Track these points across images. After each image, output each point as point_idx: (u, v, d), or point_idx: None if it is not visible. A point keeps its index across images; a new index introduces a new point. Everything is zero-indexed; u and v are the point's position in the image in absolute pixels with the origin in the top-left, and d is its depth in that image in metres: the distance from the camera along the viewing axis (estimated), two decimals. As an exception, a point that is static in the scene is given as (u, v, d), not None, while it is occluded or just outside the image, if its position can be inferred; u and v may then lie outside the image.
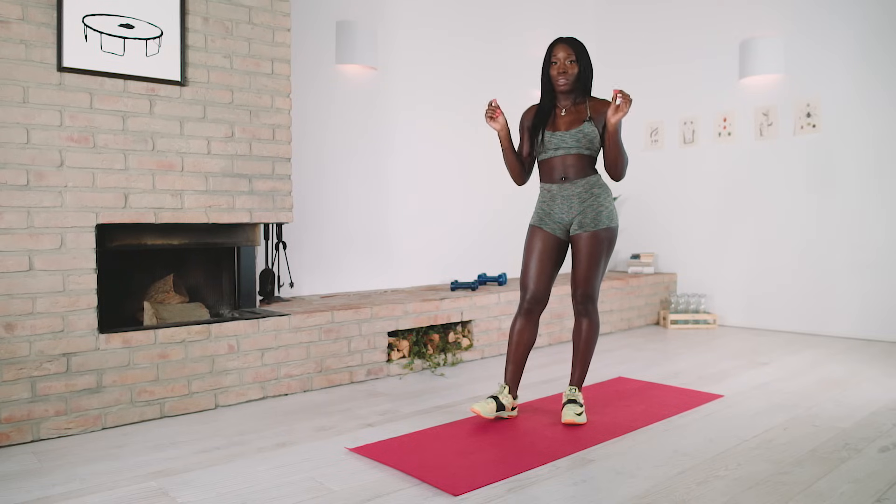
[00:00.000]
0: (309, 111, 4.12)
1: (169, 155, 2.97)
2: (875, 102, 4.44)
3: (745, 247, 5.10)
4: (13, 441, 2.53)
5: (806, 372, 3.60)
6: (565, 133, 2.71)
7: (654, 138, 5.66)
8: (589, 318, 2.79)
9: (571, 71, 2.71)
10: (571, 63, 2.71)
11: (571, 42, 2.73)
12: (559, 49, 2.72)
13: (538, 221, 2.81)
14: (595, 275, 2.74)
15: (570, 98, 2.77)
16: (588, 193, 2.73)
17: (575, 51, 2.71)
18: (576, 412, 2.69)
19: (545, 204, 2.80)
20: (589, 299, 2.76)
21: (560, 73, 2.71)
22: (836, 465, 2.25)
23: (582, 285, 2.74)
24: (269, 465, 2.28)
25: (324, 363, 3.35)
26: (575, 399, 2.75)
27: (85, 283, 2.72)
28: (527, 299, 2.78)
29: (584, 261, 2.72)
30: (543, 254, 2.77)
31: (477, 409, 2.68)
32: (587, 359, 2.81)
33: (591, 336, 2.80)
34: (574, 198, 2.73)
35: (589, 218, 2.71)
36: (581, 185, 2.73)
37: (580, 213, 2.72)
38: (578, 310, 2.79)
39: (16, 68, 2.59)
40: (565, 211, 2.74)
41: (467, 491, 2.05)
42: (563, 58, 2.71)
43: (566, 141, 2.71)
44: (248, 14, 3.21)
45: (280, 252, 3.86)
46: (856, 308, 4.56)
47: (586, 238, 2.71)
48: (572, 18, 5.85)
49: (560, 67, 2.71)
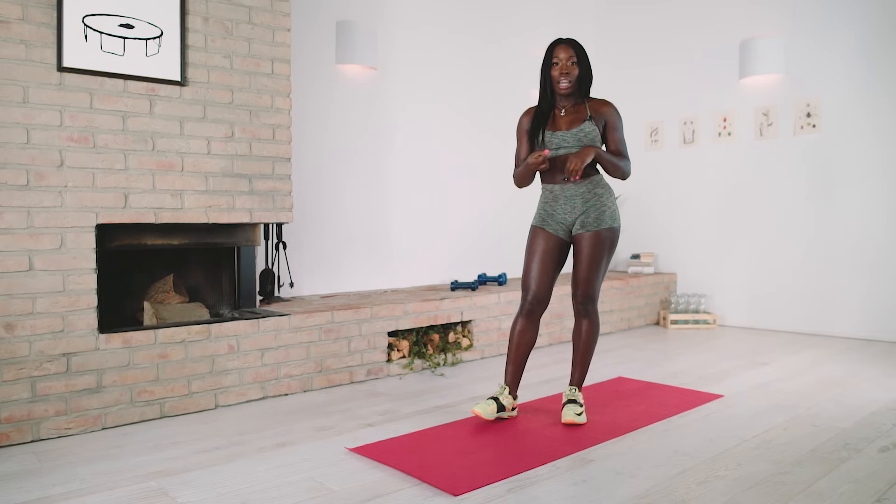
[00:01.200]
0: (309, 111, 4.12)
1: (169, 155, 2.97)
2: (875, 102, 4.44)
3: (745, 247, 5.10)
4: (13, 441, 2.53)
5: (806, 372, 3.60)
6: (566, 132, 2.71)
7: (654, 138, 5.66)
8: (589, 318, 2.78)
9: (573, 72, 2.70)
10: (573, 64, 2.69)
11: (572, 43, 2.72)
12: (560, 50, 2.70)
13: (541, 222, 2.80)
14: (596, 275, 2.73)
15: (570, 100, 2.77)
16: (591, 193, 2.73)
17: (576, 52, 2.70)
18: (576, 412, 2.69)
19: (547, 205, 2.79)
20: (589, 299, 2.76)
21: (562, 74, 2.69)
22: (836, 465, 2.25)
23: (583, 285, 2.74)
24: (269, 465, 2.28)
25: (324, 363, 3.35)
26: (575, 399, 2.75)
27: (85, 283, 2.72)
28: (528, 300, 2.77)
29: (586, 261, 2.71)
30: (546, 255, 2.76)
31: (477, 410, 2.68)
32: (587, 359, 2.81)
33: (592, 336, 2.80)
34: (577, 198, 2.72)
35: (591, 217, 2.71)
36: (584, 186, 2.72)
37: (583, 212, 2.72)
38: (578, 310, 2.79)
39: (16, 68, 2.59)
40: (568, 211, 2.74)
41: (467, 491, 2.05)
42: (564, 58, 2.69)
43: (567, 140, 2.70)
44: (248, 14, 3.21)
45: (280, 252, 3.86)
46: (856, 308, 4.56)
47: (588, 238, 2.71)
48: (572, 18, 5.85)
49: (562, 68, 2.69)
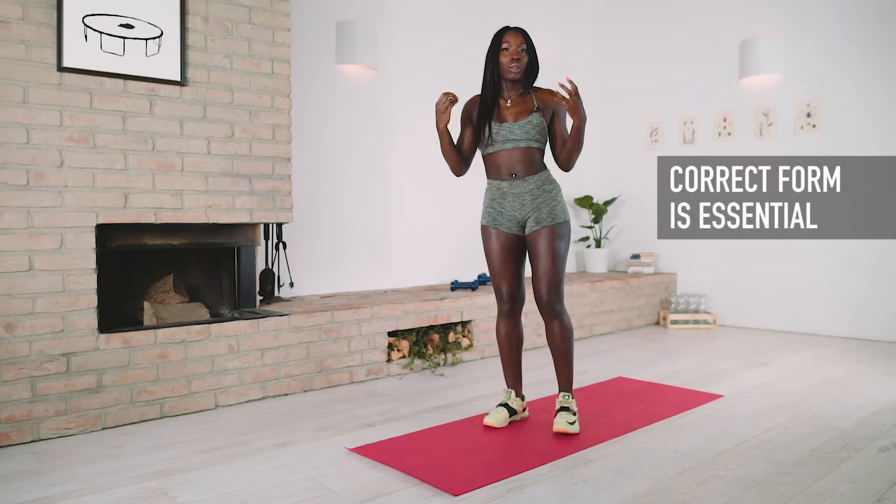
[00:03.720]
0: (309, 111, 4.12)
1: (169, 155, 2.97)
2: (875, 102, 4.44)
3: (745, 247, 5.10)
4: (13, 441, 2.53)
5: (806, 372, 3.60)
6: (513, 124, 2.60)
7: (654, 138, 5.66)
8: (559, 318, 2.64)
9: (523, 59, 2.61)
10: (523, 52, 2.61)
11: (522, 31, 2.63)
12: (510, 35, 2.60)
13: (491, 221, 2.69)
14: (559, 271, 2.62)
15: (516, 89, 2.66)
16: (540, 190, 2.63)
17: (525, 40, 2.62)
18: (568, 420, 2.57)
19: (495, 202, 2.68)
20: (557, 299, 2.62)
21: (513, 60, 2.58)
22: (836, 465, 2.25)
23: (547, 285, 2.60)
24: (269, 465, 2.28)
25: (324, 363, 3.35)
26: (568, 406, 2.64)
27: (85, 283, 2.72)
28: (504, 300, 2.73)
29: (547, 259, 2.60)
30: (506, 253, 2.68)
31: (490, 421, 2.65)
32: (569, 361, 2.68)
33: (566, 337, 2.66)
34: (526, 195, 2.62)
35: (544, 214, 2.61)
36: (532, 182, 2.62)
37: (534, 209, 2.62)
38: (546, 312, 2.64)
39: (16, 68, 2.59)
40: (517, 208, 2.63)
41: (467, 491, 2.05)
42: (515, 45, 2.59)
43: (515, 133, 2.60)
44: (248, 14, 3.21)
45: (280, 252, 3.86)
46: (856, 308, 4.56)
47: (545, 234, 2.60)
48: (572, 18, 5.85)
49: (513, 54, 2.58)
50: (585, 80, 5.96)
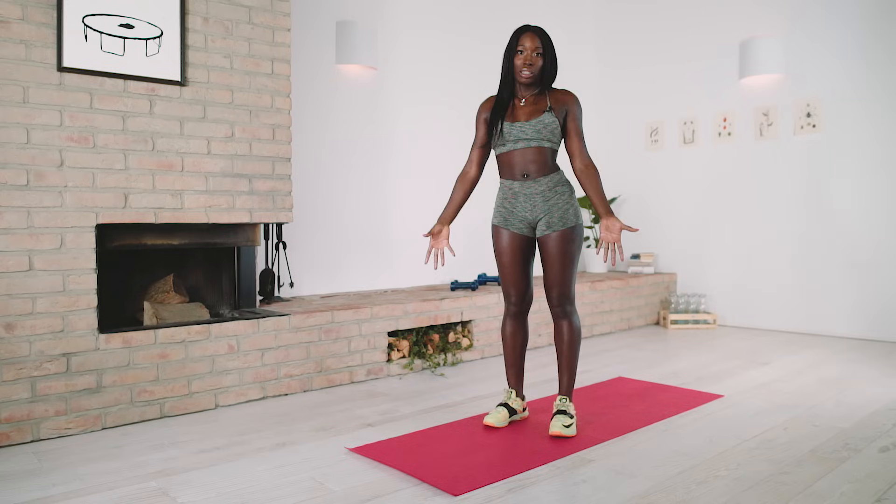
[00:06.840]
0: (309, 111, 4.12)
1: (169, 155, 2.97)
2: (875, 102, 4.44)
3: (745, 247, 5.10)
4: (13, 441, 2.53)
5: (806, 372, 3.60)
6: (525, 123, 2.58)
7: (654, 138, 5.66)
8: (569, 319, 2.66)
9: (537, 63, 2.58)
10: (538, 55, 2.58)
11: (540, 32, 2.58)
12: (527, 38, 2.56)
13: (502, 222, 2.69)
14: (571, 275, 2.64)
15: (532, 90, 2.64)
16: (552, 192, 2.62)
17: (542, 42, 2.58)
18: (564, 423, 2.55)
19: (507, 201, 2.67)
20: (567, 301, 2.65)
21: (525, 65, 2.56)
22: (836, 465, 2.25)
23: (558, 287, 2.62)
24: (269, 465, 2.28)
25: (324, 363, 3.35)
26: (565, 410, 2.62)
27: (85, 283, 2.72)
28: (512, 301, 2.73)
29: (558, 261, 2.61)
30: (516, 254, 2.68)
31: (490, 421, 2.65)
32: (573, 364, 2.68)
33: (574, 339, 2.67)
34: (537, 196, 2.61)
35: (556, 217, 2.61)
36: (544, 184, 2.61)
37: (546, 212, 2.61)
38: (556, 313, 2.67)
39: (16, 68, 2.59)
40: (528, 209, 2.63)
41: (467, 491, 2.05)
42: (530, 48, 2.55)
43: (526, 132, 2.58)
44: (248, 14, 3.21)
45: (280, 252, 3.86)
46: (855, 308, 4.56)
47: (556, 238, 2.60)
48: (572, 18, 5.85)
49: (526, 59, 2.56)
50: (585, 80, 5.97)
